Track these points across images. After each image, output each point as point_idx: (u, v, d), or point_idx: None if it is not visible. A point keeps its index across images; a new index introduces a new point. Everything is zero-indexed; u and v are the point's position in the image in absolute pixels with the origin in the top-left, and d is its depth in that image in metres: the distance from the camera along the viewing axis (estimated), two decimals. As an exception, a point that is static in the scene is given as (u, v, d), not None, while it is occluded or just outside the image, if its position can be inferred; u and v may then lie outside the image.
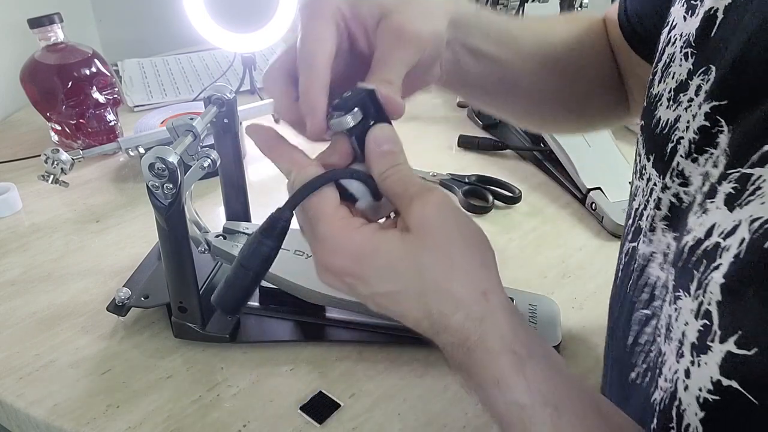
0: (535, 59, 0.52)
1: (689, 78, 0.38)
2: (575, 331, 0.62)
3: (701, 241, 0.32)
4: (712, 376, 0.29)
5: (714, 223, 0.31)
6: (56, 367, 0.58)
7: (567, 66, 0.54)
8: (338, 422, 0.53)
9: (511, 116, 0.59)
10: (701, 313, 0.30)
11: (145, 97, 1.12)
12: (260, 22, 1.05)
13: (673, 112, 0.39)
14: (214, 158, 0.56)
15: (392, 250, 0.35)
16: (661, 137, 0.40)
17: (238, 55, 1.13)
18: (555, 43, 0.53)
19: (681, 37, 0.40)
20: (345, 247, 0.35)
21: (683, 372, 0.31)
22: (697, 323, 0.30)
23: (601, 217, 0.78)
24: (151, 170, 0.50)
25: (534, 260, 0.72)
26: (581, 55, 0.55)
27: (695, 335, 0.31)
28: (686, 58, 0.39)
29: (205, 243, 0.62)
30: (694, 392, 0.30)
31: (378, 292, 0.36)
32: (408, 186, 0.36)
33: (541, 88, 0.54)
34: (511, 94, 0.54)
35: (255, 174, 0.91)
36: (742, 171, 0.30)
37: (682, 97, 0.38)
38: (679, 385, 0.32)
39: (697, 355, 0.30)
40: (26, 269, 0.71)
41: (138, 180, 0.88)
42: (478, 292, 0.35)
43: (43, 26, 0.88)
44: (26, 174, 0.88)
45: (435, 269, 0.35)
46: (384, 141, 0.37)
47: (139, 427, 0.52)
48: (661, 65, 0.42)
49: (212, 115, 0.60)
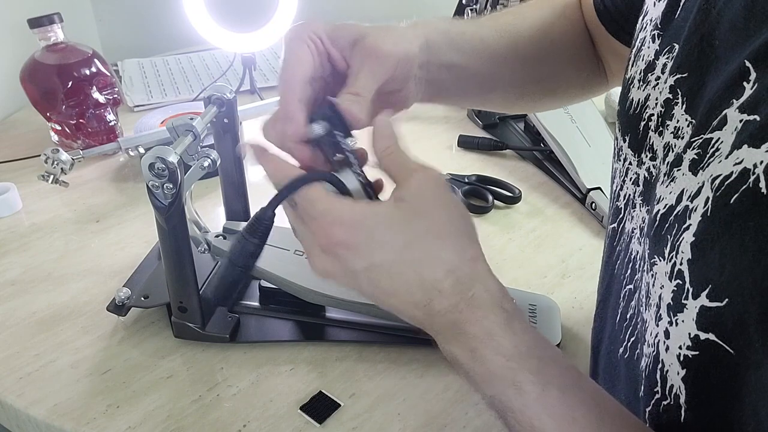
0: (507, 56, 0.55)
1: (656, 58, 0.40)
2: (575, 331, 0.62)
3: (672, 207, 0.33)
4: (690, 332, 0.30)
5: (683, 188, 0.33)
6: (56, 367, 0.58)
7: (539, 52, 0.56)
8: (338, 422, 0.53)
9: (496, 109, 0.65)
10: (674, 274, 0.32)
11: (145, 97, 1.12)
12: (260, 22, 1.05)
13: (643, 92, 0.41)
14: (214, 158, 0.56)
15: (388, 216, 0.37)
16: (633, 117, 0.42)
17: (238, 55, 1.13)
18: (524, 33, 0.55)
19: (650, 22, 0.42)
20: (343, 216, 0.37)
21: (663, 333, 0.33)
22: (671, 284, 0.32)
23: (601, 217, 0.78)
24: (151, 170, 0.50)
25: (534, 260, 0.72)
26: (552, 39, 0.57)
27: (670, 296, 0.32)
28: (653, 40, 0.41)
29: (205, 243, 0.62)
30: (674, 351, 0.32)
31: (373, 263, 0.37)
32: (407, 162, 0.40)
33: (517, 80, 0.56)
34: (492, 92, 0.57)
35: (255, 174, 0.91)
36: (704, 137, 0.32)
37: (650, 77, 0.40)
38: (660, 347, 0.33)
39: (673, 314, 0.32)
40: (26, 269, 0.71)
41: (138, 180, 0.88)
42: (467, 257, 0.38)
43: (43, 26, 0.88)
44: (26, 174, 0.88)
45: (427, 236, 0.37)
46: (386, 126, 0.41)
47: (139, 427, 0.52)
48: (634, 50, 0.44)
49: (212, 115, 0.60)
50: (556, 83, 0.59)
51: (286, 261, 0.61)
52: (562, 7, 0.58)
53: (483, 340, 0.36)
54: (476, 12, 0.96)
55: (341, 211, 0.37)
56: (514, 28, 0.55)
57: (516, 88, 0.57)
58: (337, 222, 0.37)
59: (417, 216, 0.37)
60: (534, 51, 0.56)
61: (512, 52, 0.55)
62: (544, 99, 0.61)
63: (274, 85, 1.16)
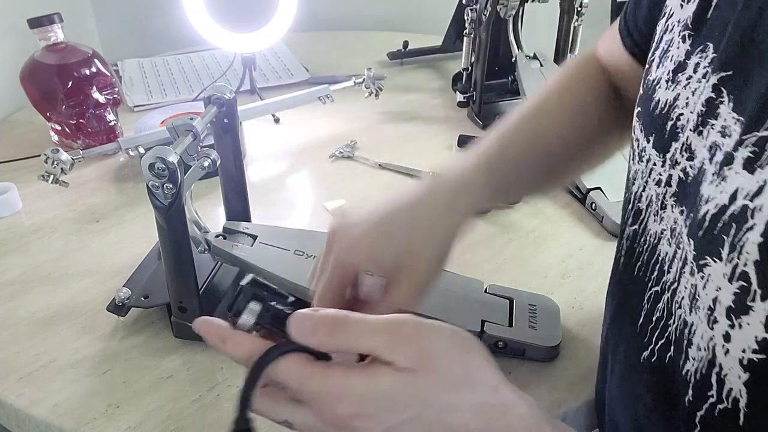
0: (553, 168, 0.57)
1: (687, 58, 0.39)
2: (575, 331, 0.62)
3: (725, 207, 0.32)
4: (757, 335, 0.30)
5: (736, 187, 0.32)
6: (56, 367, 0.58)
7: (572, 147, 0.57)
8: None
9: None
10: (736, 276, 0.31)
11: (145, 97, 1.12)
12: (260, 22, 1.05)
13: (672, 92, 0.40)
14: (214, 158, 0.56)
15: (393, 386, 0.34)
16: (660, 117, 0.41)
17: (238, 55, 1.13)
18: (553, 142, 0.55)
19: (678, 23, 0.41)
20: (345, 394, 0.34)
21: (721, 337, 0.32)
22: (732, 286, 0.31)
23: (601, 217, 0.78)
24: (151, 170, 0.50)
25: (534, 260, 0.72)
26: (581, 131, 0.57)
27: (731, 298, 0.31)
28: (683, 41, 0.40)
29: (205, 243, 0.62)
30: (736, 355, 0.31)
31: (391, 425, 0.34)
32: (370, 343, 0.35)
33: (557, 174, 0.59)
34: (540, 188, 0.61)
35: (255, 174, 0.91)
36: (758, 134, 0.31)
37: (681, 77, 0.39)
38: (717, 351, 0.32)
39: (735, 317, 0.31)
40: (26, 269, 0.71)
41: (138, 180, 0.88)
42: (489, 389, 0.35)
43: (43, 26, 0.88)
44: (26, 174, 0.88)
45: (444, 386, 0.34)
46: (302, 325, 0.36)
47: (139, 427, 0.52)
48: (659, 52, 0.43)
49: (212, 115, 0.60)
50: (599, 154, 0.61)
51: (286, 261, 0.61)
52: (578, 83, 0.59)
53: None
54: (476, 12, 0.96)
55: (339, 387, 0.34)
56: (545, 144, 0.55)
57: (563, 176, 0.62)
58: (341, 398, 0.34)
59: (426, 376, 0.34)
60: (568, 150, 0.56)
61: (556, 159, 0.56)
62: (589, 166, 0.63)
63: (274, 85, 1.16)
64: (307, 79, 1.18)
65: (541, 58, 0.99)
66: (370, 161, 0.92)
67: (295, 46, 1.29)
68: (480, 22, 0.96)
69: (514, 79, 1.02)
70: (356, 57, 1.30)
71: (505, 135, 0.55)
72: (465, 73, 1.03)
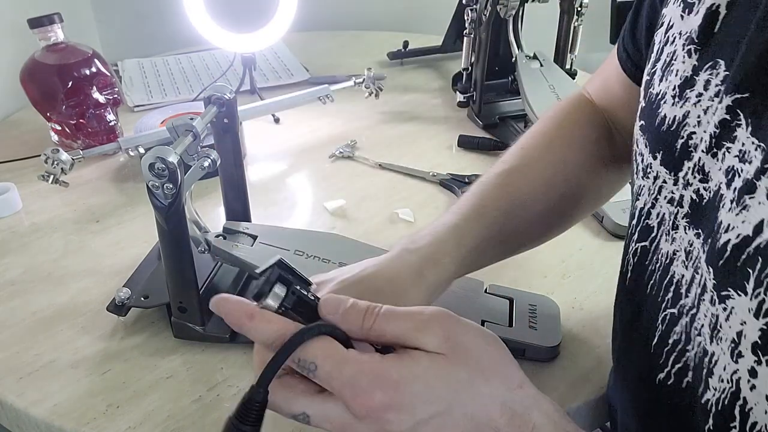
0: (536, 226, 0.57)
1: (695, 74, 0.38)
2: (575, 331, 0.62)
3: (750, 238, 0.31)
4: None
5: (762, 219, 0.31)
6: (56, 367, 0.58)
7: (561, 204, 0.57)
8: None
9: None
10: (763, 312, 0.30)
11: (145, 97, 1.12)
12: (260, 22, 1.05)
13: (681, 109, 0.39)
14: (214, 158, 0.56)
15: (428, 371, 0.34)
16: (668, 134, 0.40)
17: (238, 55, 1.13)
18: (534, 203, 0.55)
19: (681, 35, 0.40)
20: (382, 379, 0.33)
21: (746, 372, 0.31)
22: (759, 322, 0.30)
23: (601, 217, 0.78)
24: (151, 170, 0.50)
25: (534, 260, 0.72)
26: (566, 183, 0.57)
27: (757, 334, 0.30)
28: (689, 55, 0.39)
29: (205, 243, 0.62)
30: (763, 391, 0.30)
31: (422, 419, 0.33)
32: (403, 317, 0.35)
33: (547, 229, 0.59)
34: (524, 247, 0.59)
35: (255, 174, 0.91)
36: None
37: (689, 93, 0.38)
38: (742, 385, 0.32)
39: (763, 354, 0.30)
40: (26, 269, 0.71)
41: (138, 180, 0.88)
42: (514, 386, 0.36)
43: (43, 26, 0.88)
44: (26, 174, 0.88)
45: (474, 381, 0.34)
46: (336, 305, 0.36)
47: (139, 427, 0.52)
48: (660, 65, 0.42)
49: (212, 115, 0.60)
50: (590, 203, 0.61)
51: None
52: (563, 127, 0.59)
53: None
54: (476, 12, 0.96)
55: (376, 373, 0.33)
56: (520, 201, 0.55)
57: (552, 229, 0.60)
58: (377, 384, 0.33)
59: (456, 364, 0.34)
60: (557, 205, 0.57)
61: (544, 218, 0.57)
62: (582, 214, 0.63)
63: (274, 85, 1.16)
64: (307, 79, 1.18)
65: (541, 58, 0.99)
66: (370, 161, 0.92)
67: (295, 46, 1.29)
68: (480, 22, 0.96)
69: (514, 79, 1.02)
70: (356, 57, 1.30)
71: (483, 197, 0.54)
72: (465, 73, 1.03)
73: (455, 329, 0.35)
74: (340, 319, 0.35)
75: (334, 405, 0.34)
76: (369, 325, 0.35)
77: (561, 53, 1.02)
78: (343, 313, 0.35)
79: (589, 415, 0.56)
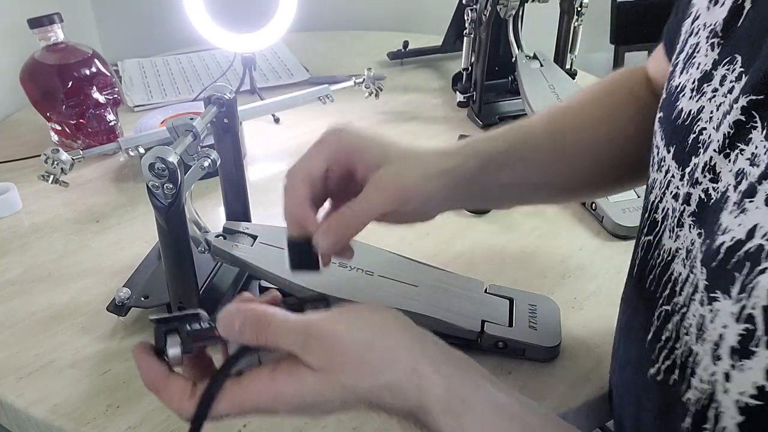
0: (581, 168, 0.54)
1: (714, 68, 0.37)
2: (575, 331, 0.62)
3: (742, 242, 0.31)
4: (756, 381, 0.29)
5: (756, 223, 0.30)
6: (56, 367, 0.58)
7: (604, 157, 0.54)
8: (338, 422, 0.53)
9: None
10: (743, 317, 0.30)
11: (145, 97, 1.12)
12: (260, 22, 1.05)
13: (696, 103, 0.38)
14: (214, 158, 0.56)
15: (314, 387, 0.37)
16: (682, 128, 0.39)
17: (238, 55, 1.13)
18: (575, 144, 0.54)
19: (705, 27, 0.39)
20: (278, 401, 0.37)
21: (722, 375, 0.31)
22: (738, 327, 0.30)
23: (601, 217, 0.78)
24: (151, 170, 0.50)
25: (534, 260, 0.72)
26: (608, 143, 0.54)
27: (735, 339, 0.30)
28: (712, 48, 0.38)
29: (205, 243, 0.62)
30: (733, 396, 0.30)
31: (328, 410, 0.38)
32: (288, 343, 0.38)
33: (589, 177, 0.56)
34: (547, 196, 0.58)
35: (255, 174, 0.91)
36: None
37: (706, 88, 0.38)
38: (717, 388, 0.32)
39: (738, 359, 0.30)
40: (26, 269, 0.71)
41: (138, 180, 0.88)
42: (408, 371, 0.37)
43: (43, 26, 0.88)
44: (26, 174, 0.88)
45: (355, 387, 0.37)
46: (230, 325, 0.39)
47: (139, 427, 0.52)
48: (683, 56, 0.41)
49: (212, 115, 0.60)
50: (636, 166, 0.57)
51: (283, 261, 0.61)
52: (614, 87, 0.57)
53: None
54: (476, 12, 0.96)
55: (273, 392, 0.37)
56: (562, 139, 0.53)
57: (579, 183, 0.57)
58: (278, 405, 0.38)
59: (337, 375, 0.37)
60: (600, 155, 0.54)
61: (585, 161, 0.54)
62: (621, 182, 0.60)
63: (274, 85, 1.16)
64: (307, 79, 1.18)
65: (541, 58, 0.99)
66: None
67: (295, 46, 1.29)
68: (480, 22, 0.96)
69: (514, 79, 1.02)
70: (356, 57, 1.30)
71: (526, 126, 0.53)
72: (465, 73, 1.03)
73: (331, 341, 0.37)
74: (239, 337, 0.38)
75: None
76: (264, 341, 0.38)
77: (561, 53, 1.02)
78: (239, 332, 0.38)
79: (589, 415, 0.56)
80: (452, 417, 0.37)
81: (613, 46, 1.55)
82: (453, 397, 0.37)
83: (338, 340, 0.37)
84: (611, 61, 1.56)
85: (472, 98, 1.03)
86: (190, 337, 0.39)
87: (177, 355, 0.39)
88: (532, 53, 1.00)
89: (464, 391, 0.38)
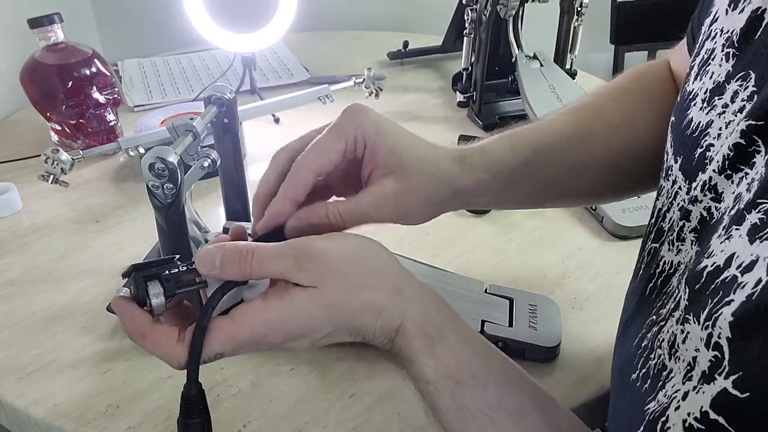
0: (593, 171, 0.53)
1: (727, 81, 0.36)
2: (575, 331, 0.62)
3: (720, 269, 0.30)
4: (702, 406, 0.29)
5: (734, 252, 0.30)
6: (56, 367, 0.58)
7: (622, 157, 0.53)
8: (338, 422, 0.53)
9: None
10: (712, 345, 0.30)
11: (145, 97, 1.12)
12: (260, 22, 1.05)
13: (706, 116, 0.37)
14: (214, 158, 0.56)
15: (306, 305, 0.38)
16: (690, 140, 0.38)
17: (238, 55, 1.13)
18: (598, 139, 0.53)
19: (722, 33, 0.38)
20: (271, 325, 0.38)
21: (682, 393, 0.31)
22: (709, 353, 0.30)
23: (601, 217, 0.78)
24: (151, 170, 0.50)
25: (534, 260, 0.72)
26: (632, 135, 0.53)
27: (707, 364, 0.30)
28: (727, 59, 0.37)
29: (205, 243, 0.62)
30: (682, 415, 0.30)
31: (315, 338, 0.39)
32: (271, 257, 0.38)
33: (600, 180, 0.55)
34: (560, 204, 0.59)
35: (255, 174, 0.91)
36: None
37: (717, 101, 0.37)
38: (672, 404, 0.32)
39: (704, 383, 0.30)
40: (26, 269, 0.71)
41: (138, 180, 0.88)
42: (391, 291, 0.40)
43: (43, 26, 0.88)
44: (26, 174, 0.88)
45: (345, 303, 0.38)
46: (210, 262, 0.39)
47: (139, 427, 0.52)
48: (699, 60, 0.40)
49: (212, 115, 0.60)
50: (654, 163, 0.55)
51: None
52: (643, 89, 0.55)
53: (407, 365, 0.40)
54: (476, 12, 0.96)
55: (265, 319, 0.38)
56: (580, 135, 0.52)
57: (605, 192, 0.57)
58: (270, 332, 0.38)
59: (329, 291, 0.38)
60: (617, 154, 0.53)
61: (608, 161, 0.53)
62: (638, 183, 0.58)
63: (274, 85, 1.16)
64: (307, 79, 1.18)
65: (541, 58, 0.99)
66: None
67: (295, 46, 1.29)
68: (480, 22, 0.96)
69: (514, 79, 1.02)
70: (356, 57, 1.30)
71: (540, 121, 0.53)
72: (465, 73, 1.03)
73: (323, 258, 0.38)
74: (220, 273, 0.38)
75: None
76: (248, 271, 0.38)
77: (561, 53, 1.02)
78: (221, 268, 0.38)
79: (589, 415, 0.56)
80: (426, 340, 0.39)
81: (613, 46, 1.55)
82: (429, 322, 0.39)
83: (328, 256, 0.38)
84: (611, 61, 1.56)
85: (472, 98, 1.03)
86: (171, 281, 0.38)
87: (161, 303, 0.38)
88: (532, 53, 1.00)
89: (439, 318, 0.40)
